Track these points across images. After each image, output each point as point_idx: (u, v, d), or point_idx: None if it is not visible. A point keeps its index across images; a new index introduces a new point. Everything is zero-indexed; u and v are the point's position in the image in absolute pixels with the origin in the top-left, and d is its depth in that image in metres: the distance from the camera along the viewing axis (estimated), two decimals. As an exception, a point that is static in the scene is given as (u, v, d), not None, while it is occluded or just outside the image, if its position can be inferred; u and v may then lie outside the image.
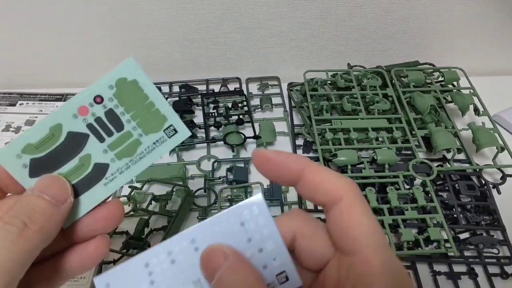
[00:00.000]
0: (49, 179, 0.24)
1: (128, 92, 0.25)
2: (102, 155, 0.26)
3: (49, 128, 0.25)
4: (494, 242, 0.44)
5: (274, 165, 0.23)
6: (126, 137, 0.26)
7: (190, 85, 0.66)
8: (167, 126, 0.26)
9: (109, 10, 0.60)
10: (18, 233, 0.21)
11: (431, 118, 0.54)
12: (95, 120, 0.25)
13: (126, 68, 0.25)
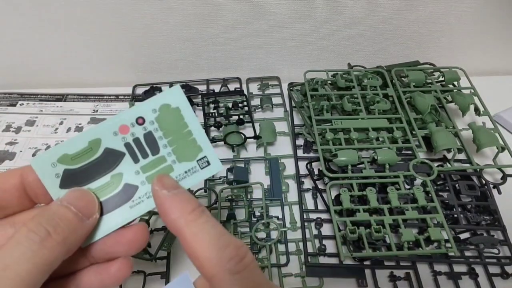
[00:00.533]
0: (79, 192, 0.25)
1: (169, 118, 0.26)
2: (134, 176, 0.26)
3: (88, 141, 0.25)
4: (494, 242, 0.44)
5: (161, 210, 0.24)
6: (159, 162, 0.26)
7: (191, 85, 0.66)
8: (201, 157, 0.27)
9: (109, 10, 0.60)
10: (40, 243, 0.21)
11: (431, 118, 0.54)
12: (134, 140, 0.26)
13: (172, 95, 0.26)
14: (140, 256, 0.43)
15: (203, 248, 0.22)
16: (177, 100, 0.26)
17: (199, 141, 0.27)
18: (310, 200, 0.50)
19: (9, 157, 0.56)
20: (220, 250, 0.22)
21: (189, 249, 0.23)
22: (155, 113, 0.26)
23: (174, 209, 0.23)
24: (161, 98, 0.26)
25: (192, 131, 0.27)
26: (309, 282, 0.43)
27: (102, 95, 0.66)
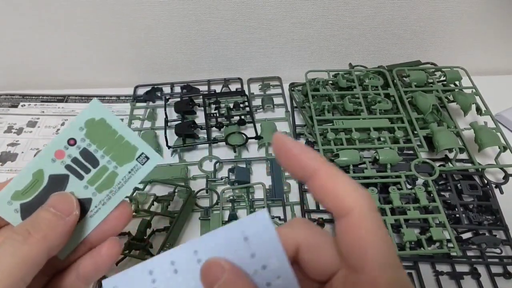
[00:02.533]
0: (57, 196, 0.27)
1: (98, 131, 0.28)
2: (84, 191, 0.28)
3: (32, 174, 0.27)
4: (496, 242, 0.44)
5: (289, 155, 0.22)
6: (103, 171, 0.28)
7: (192, 85, 0.66)
8: (139, 155, 0.29)
9: (110, 11, 0.60)
10: (22, 241, 0.24)
11: (433, 117, 0.54)
12: (72, 161, 0.28)
13: (92, 109, 0.28)
14: (142, 257, 0.43)
15: (341, 184, 0.21)
16: (98, 113, 0.28)
17: (132, 141, 0.29)
18: (311, 200, 0.50)
19: (11, 158, 0.56)
20: (357, 189, 0.21)
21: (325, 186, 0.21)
22: (82, 131, 0.28)
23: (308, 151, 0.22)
24: (83, 115, 0.28)
25: (123, 135, 0.28)
26: (311, 283, 0.43)
27: (104, 96, 0.66)
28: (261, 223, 0.23)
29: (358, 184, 0.21)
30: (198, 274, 0.23)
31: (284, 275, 0.23)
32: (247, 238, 0.23)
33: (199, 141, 0.57)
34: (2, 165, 0.55)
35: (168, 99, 0.63)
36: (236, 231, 0.23)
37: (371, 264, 0.19)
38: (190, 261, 0.23)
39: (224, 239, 0.23)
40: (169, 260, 0.24)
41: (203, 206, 0.49)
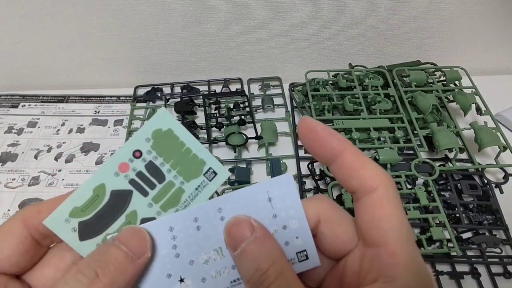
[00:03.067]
0: (131, 230, 0.23)
1: (165, 142, 0.26)
2: (148, 209, 0.26)
3: (93, 189, 0.25)
4: (497, 242, 0.44)
5: (317, 138, 0.22)
6: (169, 188, 0.26)
7: (192, 86, 0.66)
8: (207, 170, 0.26)
9: (111, 12, 0.60)
10: (88, 284, 0.20)
11: (433, 117, 0.54)
12: (137, 175, 0.25)
13: (159, 119, 0.26)
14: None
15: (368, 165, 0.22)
16: (166, 122, 0.26)
17: (200, 155, 0.26)
18: (311, 200, 0.50)
19: (11, 158, 0.56)
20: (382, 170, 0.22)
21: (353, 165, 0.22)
22: (149, 142, 0.25)
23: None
24: (150, 125, 0.26)
25: (191, 147, 0.26)
26: (311, 282, 0.43)
27: (104, 96, 0.66)
28: (285, 186, 0.24)
29: (381, 166, 0.22)
30: (220, 231, 0.24)
31: (303, 236, 0.24)
32: (271, 199, 0.24)
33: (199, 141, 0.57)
34: (2, 166, 0.55)
35: (168, 99, 0.64)
36: (261, 192, 0.24)
37: (392, 238, 0.20)
38: (213, 219, 0.24)
39: (249, 199, 0.24)
40: (192, 217, 0.24)
41: (203, 206, 0.49)
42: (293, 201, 0.24)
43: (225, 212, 0.24)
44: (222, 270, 0.24)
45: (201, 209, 0.24)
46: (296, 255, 0.24)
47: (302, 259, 0.24)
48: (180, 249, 0.24)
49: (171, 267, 0.24)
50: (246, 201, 0.24)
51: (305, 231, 0.24)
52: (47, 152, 0.57)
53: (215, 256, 0.24)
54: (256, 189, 0.24)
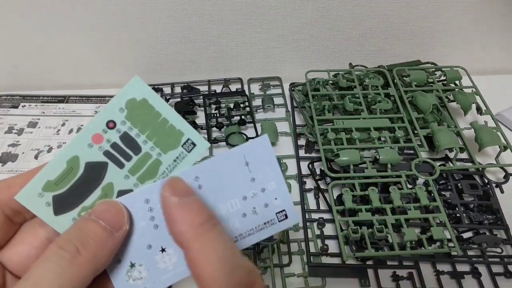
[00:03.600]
0: (106, 204, 0.23)
1: (139, 112, 0.25)
2: (124, 181, 0.25)
3: (66, 162, 0.24)
4: (497, 241, 0.44)
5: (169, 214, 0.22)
6: (145, 159, 0.25)
7: (192, 86, 0.66)
8: (185, 141, 0.26)
9: (111, 12, 0.60)
10: (70, 260, 0.20)
11: (433, 117, 0.54)
12: (112, 146, 0.25)
13: (133, 88, 0.25)
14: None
15: (209, 267, 0.20)
16: (140, 92, 0.25)
17: (177, 126, 0.26)
18: (312, 200, 0.50)
19: (12, 158, 0.56)
20: (229, 273, 0.21)
21: (194, 267, 0.21)
22: (123, 112, 0.25)
23: (182, 220, 0.22)
24: (123, 94, 0.25)
25: (167, 118, 0.25)
26: (312, 282, 0.43)
27: (104, 96, 0.66)
28: (261, 148, 0.25)
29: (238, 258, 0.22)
30: None
31: (281, 196, 0.25)
32: (248, 163, 0.25)
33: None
34: (2, 166, 0.55)
35: (168, 99, 0.63)
36: (237, 157, 0.24)
37: None
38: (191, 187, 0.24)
39: (226, 165, 0.24)
40: None
41: (203, 206, 0.49)
42: (270, 163, 0.25)
43: (203, 180, 0.24)
44: None
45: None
46: (276, 216, 0.25)
47: (282, 218, 0.25)
48: (159, 220, 0.24)
49: (151, 238, 0.24)
50: (223, 168, 0.24)
51: (283, 191, 0.25)
52: (48, 153, 0.57)
53: None
54: (233, 154, 0.24)
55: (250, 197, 0.25)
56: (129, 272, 0.24)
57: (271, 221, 0.25)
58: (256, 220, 0.25)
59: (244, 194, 0.25)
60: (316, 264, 0.44)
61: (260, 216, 0.25)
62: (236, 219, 0.25)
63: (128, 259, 0.24)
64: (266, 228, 0.25)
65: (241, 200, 0.25)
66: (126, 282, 0.24)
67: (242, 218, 0.25)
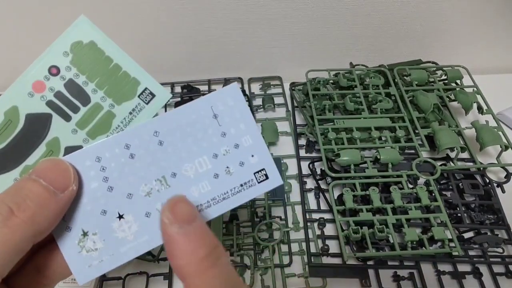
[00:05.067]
0: (49, 162, 0.20)
1: (87, 57, 0.22)
2: (72, 136, 0.23)
3: (4, 113, 0.21)
4: (498, 241, 0.44)
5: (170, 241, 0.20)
6: (95, 111, 0.23)
7: (192, 85, 0.66)
8: (142, 91, 0.23)
9: (110, 12, 0.60)
10: (2, 221, 0.18)
11: (434, 116, 0.54)
12: (55, 96, 0.22)
13: (79, 29, 0.22)
14: (143, 257, 0.43)
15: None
16: (88, 34, 0.22)
17: (133, 73, 0.23)
18: (312, 200, 0.50)
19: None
20: None
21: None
22: (67, 56, 0.22)
23: (183, 252, 0.19)
24: (67, 36, 0.22)
25: (120, 64, 0.23)
26: (312, 283, 0.43)
27: (104, 96, 0.66)
28: (231, 97, 0.21)
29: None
30: (161, 158, 0.21)
31: (258, 152, 0.21)
32: (217, 115, 0.21)
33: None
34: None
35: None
36: (203, 108, 0.21)
37: None
38: (150, 144, 0.21)
39: (190, 118, 0.21)
40: (122, 144, 0.21)
41: (204, 206, 0.49)
42: (242, 114, 0.21)
43: (163, 136, 0.21)
44: None
45: (133, 134, 0.20)
46: (254, 176, 0.22)
47: (261, 179, 0.22)
48: (113, 181, 0.21)
49: (105, 203, 0.21)
50: (187, 121, 0.21)
51: (260, 147, 0.21)
52: (47, 152, 0.57)
53: (159, 187, 0.21)
54: (198, 105, 0.21)
55: (221, 154, 0.21)
56: (81, 242, 0.21)
57: (249, 182, 0.22)
58: (231, 181, 0.22)
59: (215, 152, 0.21)
60: (317, 264, 0.44)
61: (235, 177, 0.22)
62: (206, 181, 0.21)
63: (79, 226, 0.21)
64: (243, 190, 0.22)
65: (211, 159, 0.21)
66: (79, 253, 0.21)
67: (214, 180, 0.21)
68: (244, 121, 0.21)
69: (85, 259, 0.21)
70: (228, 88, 0.21)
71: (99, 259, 0.21)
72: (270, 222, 0.47)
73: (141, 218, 0.21)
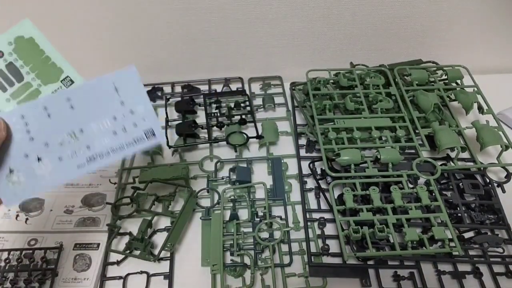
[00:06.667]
0: None
1: (26, 48, 0.30)
2: (5, 103, 0.31)
3: None
4: (499, 241, 0.44)
5: None
6: (26, 87, 0.31)
7: (193, 85, 0.66)
8: (64, 77, 0.31)
9: (111, 11, 0.60)
10: None
11: (434, 116, 0.54)
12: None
13: (22, 28, 0.31)
14: (143, 257, 0.43)
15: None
16: (28, 32, 0.31)
17: (59, 64, 0.31)
18: (313, 200, 0.50)
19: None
20: None
21: None
22: (11, 45, 0.31)
23: None
24: (12, 31, 0.31)
25: (50, 56, 0.31)
26: (313, 282, 0.43)
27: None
28: (129, 78, 0.30)
29: None
30: (71, 117, 0.30)
31: (149, 118, 0.31)
32: (118, 89, 0.30)
33: (200, 141, 0.57)
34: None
35: (168, 98, 0.63)
36: (107, 83, 0.30)
37: None
38: (63, 107, 0.30)
39: (96, 89, 0.30)
40: (42, 106, 0.30)
41: (204, 205, 0.49)
42: (137, 90, 0.30)
43: (74, 102, 0.30)
44: (77, 150, 0.30)
45: (50, 99, 0.30)
46: (144, 133, 0.31)
47: (149, 136, 0.31)
48: (34, 133, 0.29)
49: (27, 149, 0.29)
50: (94, 91, 0.30)
51: (150, 114, 0.31)
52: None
53: (69, 139, 0.30)
54: (102, 81, 0.30)
55: (120, 117, 0.30)
56: (8, 177, 0.29)
57: (140, 137, 0.31)
58: (126, 137, 0.31)
59: (114, 115, 0.30)
60: (317, 264, 0.44)
61: (129, 134, 0.31)
62: (107, 136, 0.31)
63: (7, 166, 0.29)
64: (135, 143, 0.31)
65: (111, 120, 0.31)
66: (7, 186, 0.29)
67: (113, 136, 0.31)
68: (138, 95, 0.30)
69: (11, 189, 0.29)
70: (127, 70, 0.30)
71: (22, 189, 0.29)
72: (271, 222, 0.47)
73: (55, 161, 0.30)
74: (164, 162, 0.55)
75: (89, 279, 0.43)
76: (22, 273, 0.44)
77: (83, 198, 0.51)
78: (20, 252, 0.45)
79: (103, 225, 0.48)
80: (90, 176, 0.54)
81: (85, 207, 0.50)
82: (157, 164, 0.54)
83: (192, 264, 0.44)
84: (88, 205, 0.50)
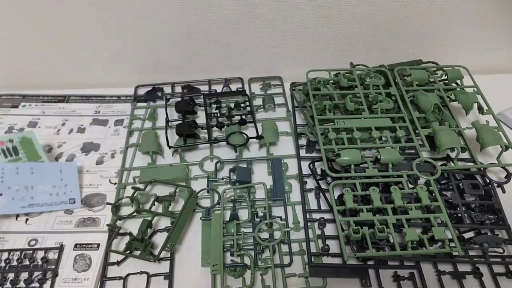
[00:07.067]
0: None
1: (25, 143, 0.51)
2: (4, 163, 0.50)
3: None
4: (499, 241, 0.44)
5: None
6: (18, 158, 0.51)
7: (193, 85, 0.66)
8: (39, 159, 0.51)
9: (111, 12, 0.60)
10: None
11: (434, 117, 0.54)
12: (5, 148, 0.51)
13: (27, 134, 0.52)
14: (143, 257, 0.43)
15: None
16: (30, 135, 0.51)
17: (40, 153, 0.51)
18: (313, 200, 0.50)
19: (12, 158, 0.57)
20: None
21: None
22: (19, 139, 0.51)
23: None
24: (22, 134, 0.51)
25: (38, 151, 0.51)
26: (313, 282, 0.43)
27: (104, 96, 0.66)
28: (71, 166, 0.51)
29: None
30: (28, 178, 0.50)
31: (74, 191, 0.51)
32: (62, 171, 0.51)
33: (200, 141, 0.57)
34: (3, 166, 0.56)
35: (169, 99, 0.63)
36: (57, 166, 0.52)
37: None
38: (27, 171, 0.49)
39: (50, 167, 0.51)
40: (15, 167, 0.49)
41: (204, 206, 0.49)
42: (73, 175, 0.51)
43: (35, 171, 0.49)
44: (25, 197, 0.48)
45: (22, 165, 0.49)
46: (68, 200, 0.50)
47: (71, 202, 0.50)
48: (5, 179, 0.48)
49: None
50: (48, 168, 0.50)
51: (76, 190, 0.50)
52: (48, 152, 0.57)
53: (23, 189, 0.49)
54: (55, 165, 0.52)
55: (57, 187, 0.50)
56: None
57: (64, 201, 0.50)
58: (57, 199, 0.50)
59: (54, 185, 0.50)
60: (317, 264, 0.44)
61: (60, 197, 0.50)
62: (45, 195, 0.49)
63: None
64: (61, 204, 0.49)
65: (51, 187, 0.50)
66: None
67: (49, 195, 0.49)
68: (72, 177, 0.51)
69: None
70: (70, 164, 0.53)
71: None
72: (271, 222, 0.47)
73: (9, 199, 0.48)
74: (164, 162, 0.55)
75: (89, 279, 0.43)
76: (23, 274, 0.44)
77: (83, 198, 0.51)
78: (21, 252, 0.45)
79: (103, 225, 0.48)
80: (90, 176, 0.54)
81: (85, 207, 0.50)
82: (157, 164, 0.54)
83: (192, 265, 0.44)
84: (88, 205, 0.50)
